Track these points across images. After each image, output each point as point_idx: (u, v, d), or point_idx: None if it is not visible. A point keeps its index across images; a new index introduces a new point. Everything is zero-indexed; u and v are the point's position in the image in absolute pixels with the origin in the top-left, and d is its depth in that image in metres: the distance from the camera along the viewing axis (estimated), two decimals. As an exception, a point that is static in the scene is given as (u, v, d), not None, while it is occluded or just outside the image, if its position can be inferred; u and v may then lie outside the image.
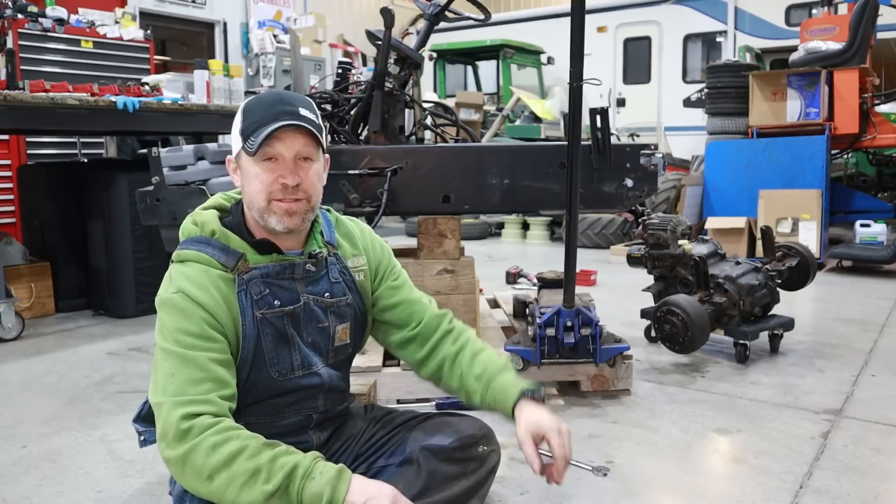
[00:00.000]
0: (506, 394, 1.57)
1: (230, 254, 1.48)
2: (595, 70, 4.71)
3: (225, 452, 1.28)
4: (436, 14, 3.10)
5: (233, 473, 1.27)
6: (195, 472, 1.29)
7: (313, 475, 1.29)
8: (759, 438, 2.43)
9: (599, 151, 2.78)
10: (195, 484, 1.30)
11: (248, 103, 1.52)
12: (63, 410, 2.80)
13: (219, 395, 1.37)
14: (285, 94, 1.52)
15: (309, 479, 1.29)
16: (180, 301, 1.42)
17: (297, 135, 1.45)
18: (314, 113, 1.51)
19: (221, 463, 1.28)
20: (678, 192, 6.60)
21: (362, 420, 1.74)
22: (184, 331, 1.40)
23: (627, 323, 3.83)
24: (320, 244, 1.60)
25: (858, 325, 3.96)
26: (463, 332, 1.71)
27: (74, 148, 5.99)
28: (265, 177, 1.46)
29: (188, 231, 1.53)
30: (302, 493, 1.27)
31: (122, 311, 4.36)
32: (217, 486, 1.28)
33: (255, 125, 1.45)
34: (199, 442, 1.29)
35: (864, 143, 6.25)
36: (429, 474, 1.53)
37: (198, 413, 1.32)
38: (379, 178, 2.73)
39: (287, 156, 1.46)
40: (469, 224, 8.05)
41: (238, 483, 1.27)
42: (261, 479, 1.27)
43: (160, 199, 3.01)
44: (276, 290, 1.50)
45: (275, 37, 9.19)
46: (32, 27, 5.32)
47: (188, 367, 1.37)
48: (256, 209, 1.49)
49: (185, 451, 1.29)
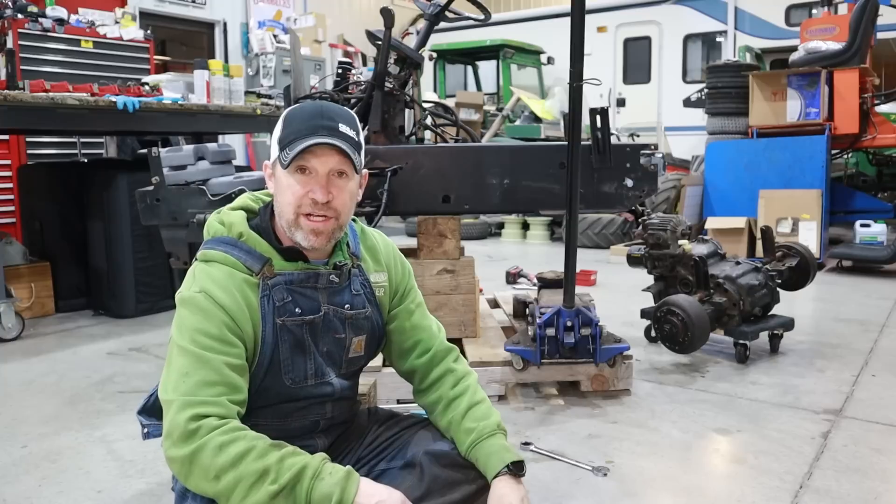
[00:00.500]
0: (488, 463, 1.52)
1: (256, 258, 1.46)
2: (595, 70, 4.71)
3: (232, 453, 1.28)
4: (436, 14, 3.10)
5: (240, 473, 1.27)
6: (202, 471, 1.29)
7: (322, 476, 1.29)
8: (759, 438, 2.43)
9: (599, 151, 2.78)
10: (202, 483, 1.30)
11: (290, 112, 1.50)
12: (63, 410, 2.80)
13: (229, 399, 1.36)
14: (327, 108, 1.48)
15: (318, 479, 1.29)
16: (203, 301, 1.40)
17: (332, 151, 1.43)
18: (355, 129, 1.48)
19: (229, 463, 1.28)
20: (678, 192, 6.60)
21: (365, 423, 1.73)
22: (202, 331, 1.38)
23: (627, 323, 3.83)
24: (345, 255, 1.58)
25: (858, 325, 3.96)
26: (464, 378, 1.67)
27: (74, 148, 5.99)
28: (297, 189, 1.43)
29: (214, 230, 1.51)
30: (311, 493, 1.27)
31: (122, 311, 4.36)
32: (224, 485, 1.28)
33: (293, 136, 1.43)
34: (206, 442, 1.29)
35: (864, 143, 6.26)
36: (431, 479, 1.53)
37: (206, 414, 1.32)
38: (379, 178, 2.73)
39: (321, 171, 1.43)
40: (469, 224, 8.05)
41: (246, 483, 1.27)
42: (269, 479, 1.27)
43: (160, 199, 3.01)
44: (299, 297, 1.49)
45: (275, 37, 9.19)
46: (32, 27, 5.31)
47: (203, 368, 1.36)
48: (285, 220, 1.47)
49: (192, 451, 1.29)
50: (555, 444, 2.38)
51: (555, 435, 2.46)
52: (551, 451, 2.30)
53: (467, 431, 1.57)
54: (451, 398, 1.63)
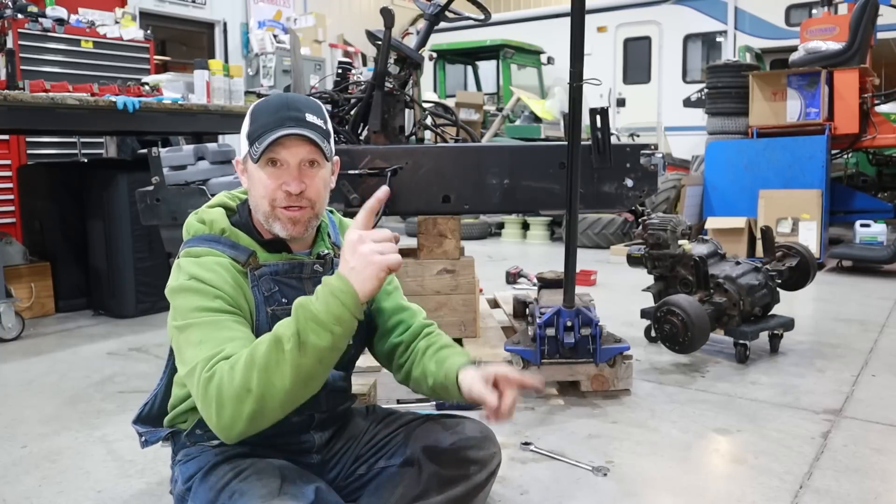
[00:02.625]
0: (453, 366, 1.53)
1: (241, 251, 1.47)
2: (595, 70, 4.72)
3: (241, 364, 1.26)
4: (436, 14, 3.10)
5: (260, 368, 1.24)
6: (235, 399, 1.25)
7: (313, 303, 1.27)
8: (759, 438, 2.43)
9: (599, 151, 2.78)
10: (244, 407, 1.25)
11: (255, 106, 1.50)
12: (63, 410, 2.80)
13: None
14: (292, 99, 1.49)
15: (312, 308, 1.26)
16: (193, 284, 1.39)
17: (302, 141, 1.43)
18: (322, 118, 1.49)
19: (244, 372, 1.25)
20: (678, 192, 6.60)
21: (363, 421, 1.74)
22: (201, 307, 1.36)
23: (627, 323, 3.83)
24: (328, 245, 1.60)
25: (858, 325, 3.96)
26: (438, 334, 1.69)
27: (74, 148, 5.99)
28: (269, 183, 1.44)
29: (195, 229, 1.51)
30: (318, 315, 1.25)
31: (122, 311, 4.36)
32: (259, 387, 1.24)
33: (261, 130, 1.43)
34: (218, 376, 1.26)
35: (864, 143, 6.26)
36: (429, 476, 1.53)
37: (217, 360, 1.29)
38: (379, 178, 2.73)
39: (292, 162, 1.44)
40: (469, 224, 8.05)
41: (272, 367, 1.24)
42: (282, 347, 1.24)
43: (160, 199, 3.02)
44: (285, 288, 1.50)
45: (275, 37, 9.19)
46: (32, 27, 5.32)
47: (215, 330, 1.34)
48: (262, 213, 1.48)
49: (214, 392, 1.26)
50: (555, 444, 2.38)
51: (555, 435, 2.46)
52: (551, 451, 2.30)
53: (438, 362, 1.58)
54: (424, 348, 1.65)
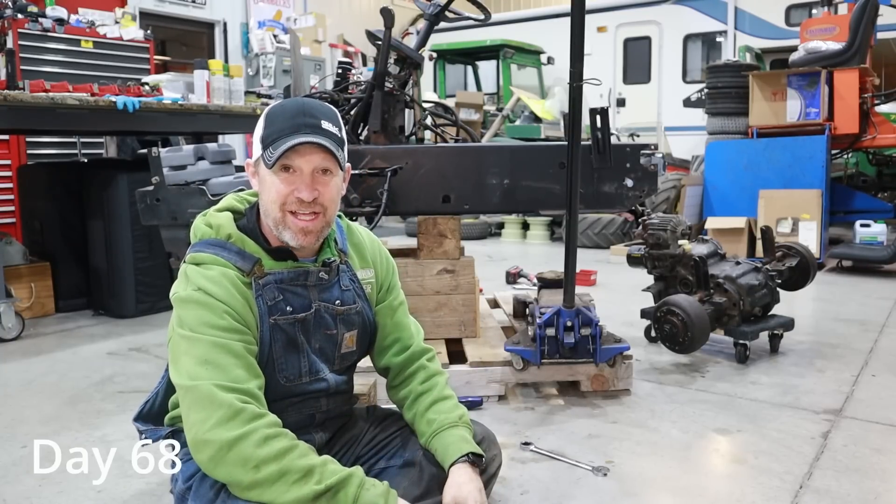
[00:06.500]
0: (447, 451, 1.53)
1: (246, 258, 1.46)
2: (595, 70, 4.71)
3: (277, 446, 1.29)
4: (436, 14, 3.10)
5: (284, 468, 1.29)
6: (241, 459, 1.28)
7: (367, 486, 1.34)
8: (759, 438, 2.43)
9: (599, 151, 2.78)
10: (236, 471, 1.29)
11: (271, 110, 1.49)
12: (63, 410, 2.80)
13: (257, 385, 1.37)
14: (309, 105, 1.48)
15: (363, 489, 1.33)
16: (201, 297, 1.39)
17: (317, 149, 1.43)
18: (337, 125, 1.48)
19: (272, 456, 1.28)
20: (678, 192, 6.60)
21: (364, 421, 1.74)
22: (209, 324, 1.37)
23: (627, 323, 3.83)
24: (333, 252, 1.59)
25: (858, 325, 3.96)
26: (434, 375, 1.69)
27: (74, 148, 5.99)
28: (282, 188, 1.44)
29: (202, 233, 1.50)
30: (357, 500, 1.32)
31: (122, 311, 4.36)
32: (265, 476, 1.28)
33: (276, 135, 1.43)
34: (251, 430, 1.29)
35: (864, 143, 6.26)
36: (430, 477, 1.53)
37: (245, 401, 1.32)
38: (379, 178, 2.73)
39: (305, 170, 1.44)
40: (469, 224, 8.05)
41: (291, 478, 1.28)
42: (314, 478, 1.30)
43: (160, 199, 3.02)
44: (290, 296, 1.49)
45: (275, 37, 9.19)
46: (32, 27, 5.31)
47: (222, 352, 1.35)
48: (272, 218, 1.47)
49: (236, 437, 1.28)
50: (555, 444, 2.38)
51: (555, 435, 2.46)
52: (551, 451, 2.30)
53: (429, 422, 1.58)
54: (419, 393, 1.65)
